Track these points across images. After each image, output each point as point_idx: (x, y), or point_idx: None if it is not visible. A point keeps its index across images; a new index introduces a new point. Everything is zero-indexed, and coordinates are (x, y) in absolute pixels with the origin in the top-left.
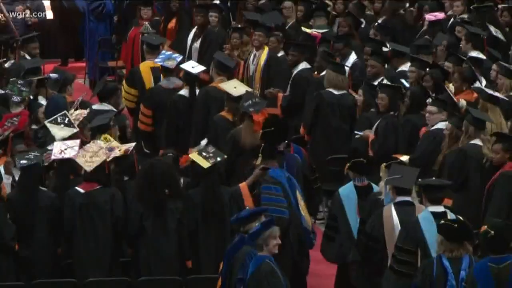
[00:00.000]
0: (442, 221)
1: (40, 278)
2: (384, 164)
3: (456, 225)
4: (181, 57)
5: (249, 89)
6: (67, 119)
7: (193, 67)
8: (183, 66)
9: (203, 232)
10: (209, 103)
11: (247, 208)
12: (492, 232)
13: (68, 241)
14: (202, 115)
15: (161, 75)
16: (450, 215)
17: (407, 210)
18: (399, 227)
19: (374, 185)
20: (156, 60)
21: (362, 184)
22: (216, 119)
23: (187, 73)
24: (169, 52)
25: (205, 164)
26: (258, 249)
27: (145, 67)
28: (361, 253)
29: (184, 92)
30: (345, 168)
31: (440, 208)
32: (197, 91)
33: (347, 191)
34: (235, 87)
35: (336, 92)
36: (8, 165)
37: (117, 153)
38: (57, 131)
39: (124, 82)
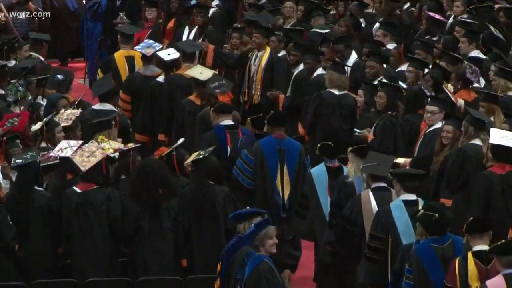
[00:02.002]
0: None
1: (37, 278)
2: (350, 148)
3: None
4: (160, 46)
5: (215, 72)
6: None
7: (168, 54)
8: (159, 53)
9: (195, 231)
10: (173, 89)
11: (247, 208)
12: (437, 215)
13: (67, 241)
14: (167, 102)
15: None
16: (421, 203)
17: (384, 196)
18: (376, 208)
19: (344, 167)
20: (136, 47)
21: (333, 166)
22: (184, 103)
23: (162, 60)
24: (150, 41)
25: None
26: (255, 249)
27: (119, 56)
28: (338, 235)
29: (161, 79)
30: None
31: (412, 197)
32: None
33: (318, 172)
34: (201, 72)
35: (337, 92)
36: (5, 169)
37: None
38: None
39: (99, 70)
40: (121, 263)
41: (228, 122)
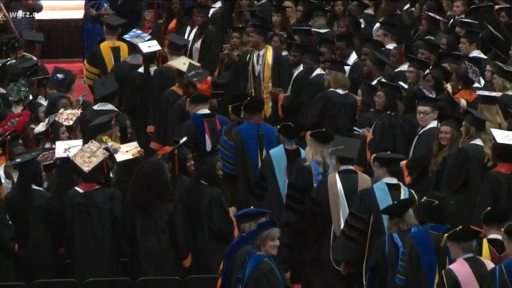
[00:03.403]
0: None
1: (37, 278)
2: (310, 132)
3: (395, 203)
4: (149, 37)
5: (198, 64)
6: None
7: (149, 46)
8: (139, 44)
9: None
10: (165, 82)
11: (252, 207)
12: (436, 202)
13: (69, 241)
14: (157, 94)
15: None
16: (403, 188)
17: (351, 178)
18: (343, 193)
19: (302, 150)
20: (125, 36)
21: (291, 148)
22: (167, 93)
23: (141, 52)
24: (139, 31)
25: None
26: (256, 249)
27: (105, 47)
28: (308, 217)
29: (141, 69)
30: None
31: (394, 180)
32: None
33: (277, 153)
34: (184, 63)
35: (341, 92)
36: (8, 169)
37: (129, 155)
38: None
39: (85, 61)
40: (121, 263)
41: (205, 111)
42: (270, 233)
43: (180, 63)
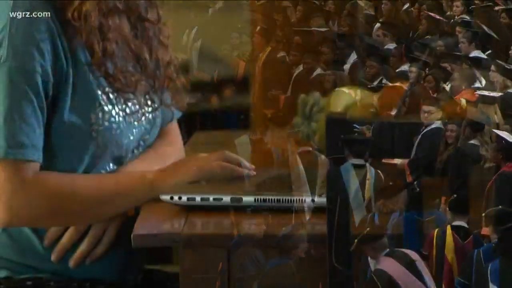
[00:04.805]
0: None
1: None
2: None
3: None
4: None
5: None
6: None
7: None
8: None
9: None
10: None
11: None
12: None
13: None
14: None
15: None
16: (370, 168)
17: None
18: (304, 172)
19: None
20: None
21: (255, 138)
22: None
23: None
24: None
25: None
26: None
27: None
28: None
29: None
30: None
31: (361, 161)
32: None
33: (241, 142)
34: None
35: (347, 91)
36: None
37: None
38: None
39: None
40: None
41: None
42: None
43: None
